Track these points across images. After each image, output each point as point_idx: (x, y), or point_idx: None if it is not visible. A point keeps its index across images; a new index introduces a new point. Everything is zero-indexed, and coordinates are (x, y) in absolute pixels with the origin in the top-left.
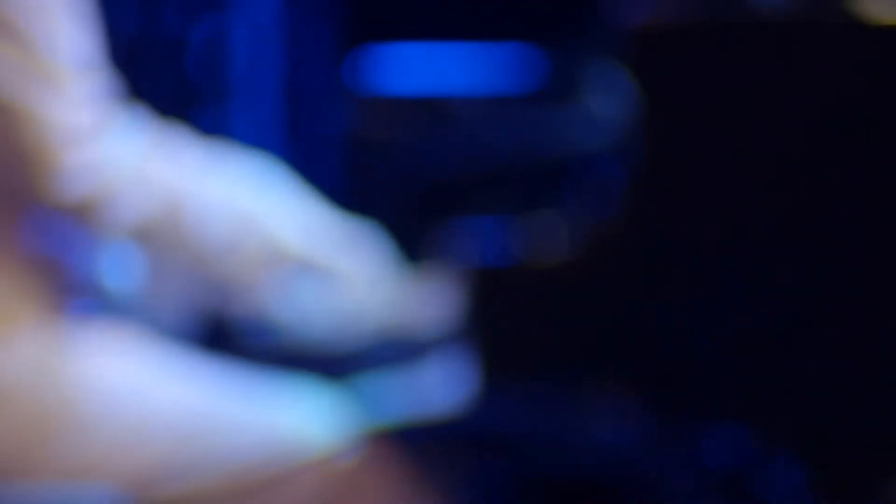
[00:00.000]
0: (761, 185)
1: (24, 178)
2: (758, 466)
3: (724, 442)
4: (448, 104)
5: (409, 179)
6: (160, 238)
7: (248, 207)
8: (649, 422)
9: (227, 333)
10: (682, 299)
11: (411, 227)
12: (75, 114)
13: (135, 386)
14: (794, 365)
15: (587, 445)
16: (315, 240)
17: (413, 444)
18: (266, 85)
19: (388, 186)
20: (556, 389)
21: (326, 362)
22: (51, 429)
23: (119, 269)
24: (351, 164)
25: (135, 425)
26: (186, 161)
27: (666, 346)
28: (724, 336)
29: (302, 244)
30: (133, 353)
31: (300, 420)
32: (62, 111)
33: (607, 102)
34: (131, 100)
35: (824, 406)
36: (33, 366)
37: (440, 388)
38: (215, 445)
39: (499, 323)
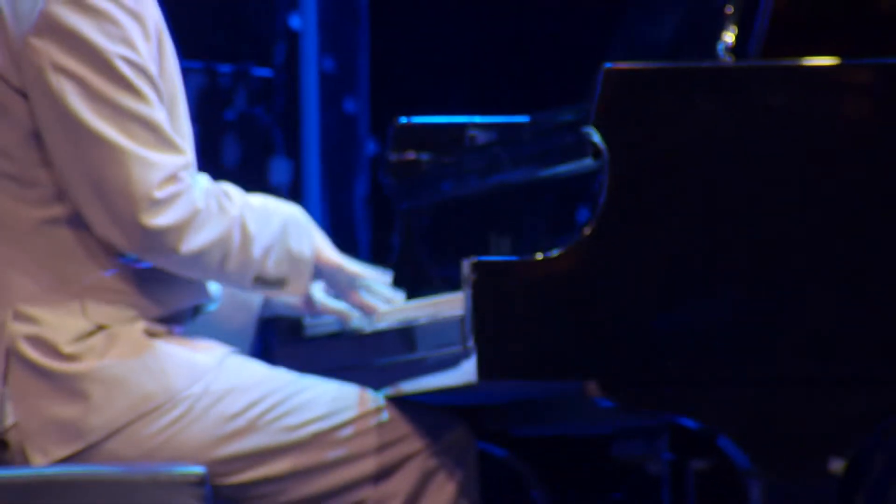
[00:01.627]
0: (718, 214)
1: (129, 206)
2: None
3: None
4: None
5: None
6: (225, 254)
7: (289, 214)
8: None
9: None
10: (650, 307)
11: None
12: (170, 155)
13: (226, 383)
14: (742, 364)
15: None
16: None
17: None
18: (312, 145)
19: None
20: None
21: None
22: (153, 414)
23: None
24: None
25: (223, 419)
26: (243, 195)
27: (632, 344)
28: (679, 339)
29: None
30: (219, 354)
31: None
32: (160, 152)
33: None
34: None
35: (766, 392)
36: (142, 361)
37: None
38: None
39: (498, 321)
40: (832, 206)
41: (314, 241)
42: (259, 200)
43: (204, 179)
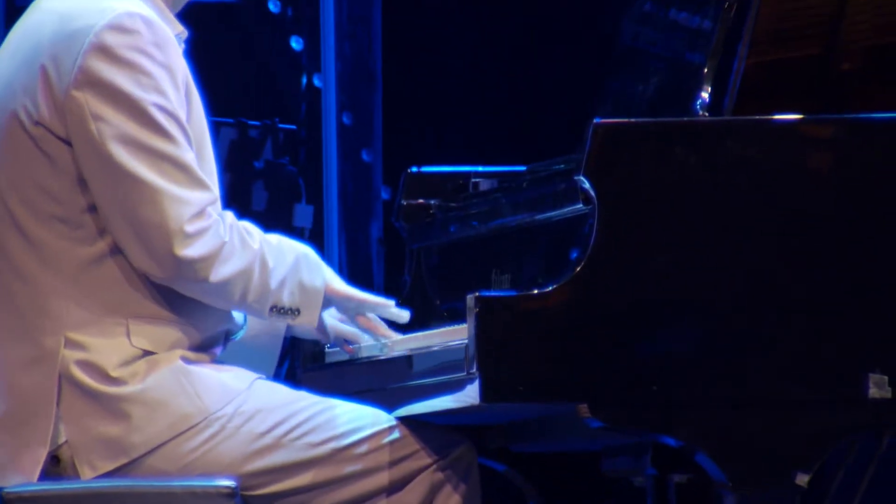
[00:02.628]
0: (693, 255)
1: (164, 239)
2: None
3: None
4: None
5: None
6: (246, 284)
7: (304, 250)
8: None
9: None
10: (634, 337)
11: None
12: (199, 192)
13: (254, 405)
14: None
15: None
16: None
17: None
18: (331, 192)
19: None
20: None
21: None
22: (189, 432)
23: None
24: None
25: (252, 436)
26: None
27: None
28: (660, 366)
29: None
30: (249, 378)
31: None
32: (190, 190)
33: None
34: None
35: (737, 414)
36: (180, 385)
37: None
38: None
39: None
40: (795, 245)
41: (324, 275)
42: (275, 238)
43: (229, 216)
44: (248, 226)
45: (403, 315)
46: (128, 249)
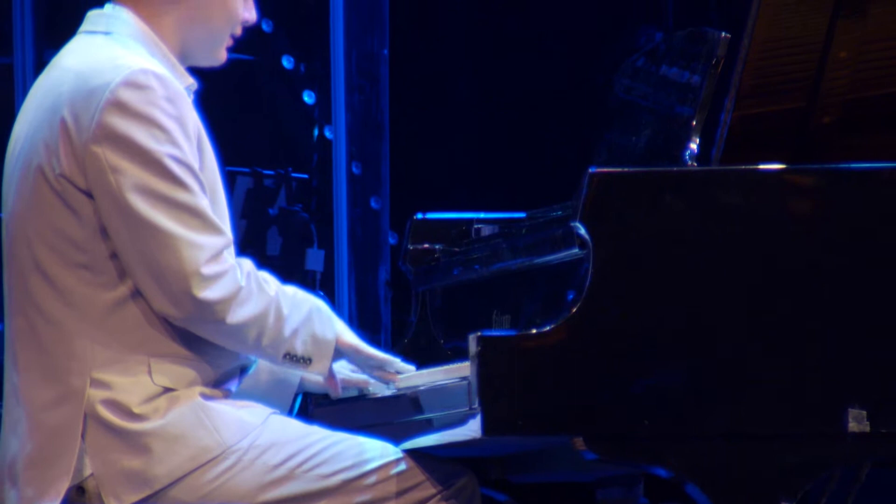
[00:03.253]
0: (683, 296)
1: (181, 282)
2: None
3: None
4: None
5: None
6: (261, 329)
7: (317, 303)
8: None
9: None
10: (627, 374)
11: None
12: (213, 237)
13: (269, 438)
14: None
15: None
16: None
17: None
18: (342, 237)
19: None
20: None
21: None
22: (208, 465)
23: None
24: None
25: (267, 468)
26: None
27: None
28: (652, 401)
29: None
30: (264, 413)
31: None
32: (205, 235)
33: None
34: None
35: (725, 446)
36: (199, 420)
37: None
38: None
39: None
40: (778, 287)
41: (336, 328)
42: (291, 289)
43: (247, 263)
44: (265, 275)
45: (409, 369)
46: (148, 293)
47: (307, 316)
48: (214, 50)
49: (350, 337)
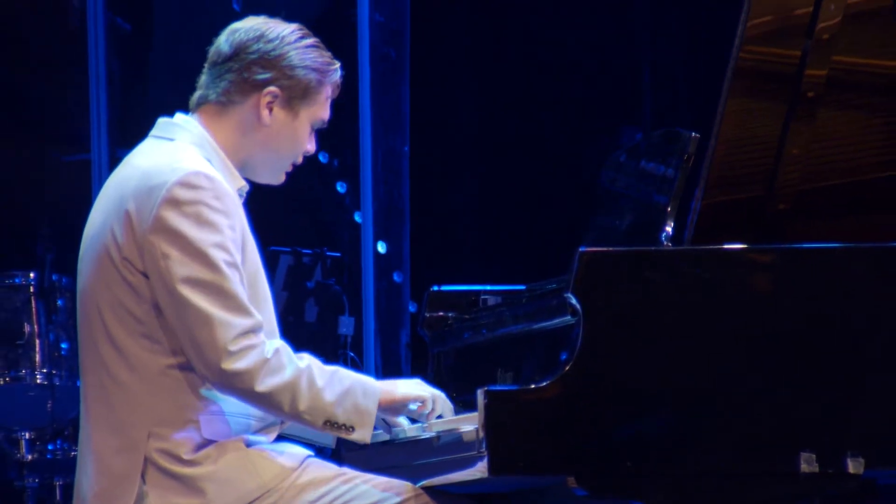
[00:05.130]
0: (659, 356)
1: (213, 355)
2: None
3: None
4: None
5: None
6: (293, 396)
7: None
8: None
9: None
10: (611, 422)
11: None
12: (242, 318)
13: (306, 478)
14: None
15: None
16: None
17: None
18: (369, 307)
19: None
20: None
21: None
22: (254, 502)
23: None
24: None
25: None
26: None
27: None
28: (633, 445)
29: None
30: (301, 455)
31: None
32: (235, 316)
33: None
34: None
35: (697, 483)
36: (244, 465)
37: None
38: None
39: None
40: (741, 349)
41: (378, 399)
42: (332, 368)
43: (279, 342)
44: (305, 355)
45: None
46: (191, 361)
47: (348, 388)
48: (276, 173)
49: (391, 394)
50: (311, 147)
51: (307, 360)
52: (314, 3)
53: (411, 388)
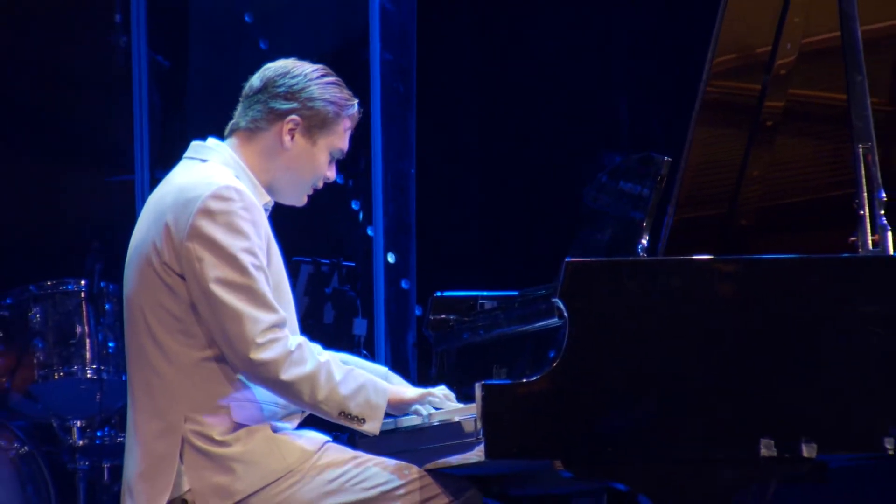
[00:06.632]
0: (637, 355)
1: (242, 347)
2: None
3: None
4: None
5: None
6: (313, 387)
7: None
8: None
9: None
10: (594, 413)
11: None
12: (268, 314)
13: (324, 461)
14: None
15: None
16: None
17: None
18: (380, 310)
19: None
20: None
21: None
22: (278, 482)
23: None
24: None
25: (323, 483)
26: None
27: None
28: (614, 433)
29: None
30: (320, 441)
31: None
32: (261, 312)
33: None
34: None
35: (671, 467)
36: (269, 448)
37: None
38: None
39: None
40: (707, 348)
41: (388, 396)
42: (349, 367)
43: (302, 338)
44: (325, 351)
45: (451, 396)
46: (223, 353)
47: (362, 384)
48: (298, 195)
49: (400, 396)
50: (330, 174)
51: (326, 355)
52: (331, 43)
53: (421, 393)
